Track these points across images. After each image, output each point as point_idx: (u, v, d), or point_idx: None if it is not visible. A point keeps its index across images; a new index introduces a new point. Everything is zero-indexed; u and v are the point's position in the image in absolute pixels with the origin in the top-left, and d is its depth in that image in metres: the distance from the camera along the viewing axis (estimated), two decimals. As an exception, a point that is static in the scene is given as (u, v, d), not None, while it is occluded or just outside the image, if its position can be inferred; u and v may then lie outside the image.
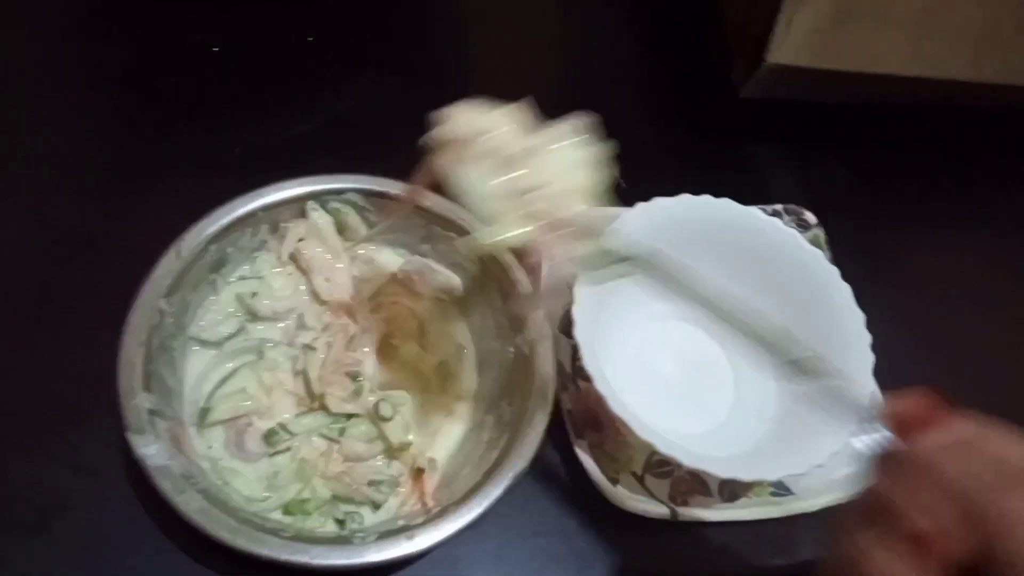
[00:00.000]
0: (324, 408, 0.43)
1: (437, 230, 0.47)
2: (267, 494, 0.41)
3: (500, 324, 0.46)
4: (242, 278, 0.46)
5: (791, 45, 0.52)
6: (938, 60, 0.56)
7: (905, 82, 0.57)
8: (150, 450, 0.37)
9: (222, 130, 0.56)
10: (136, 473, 0.37)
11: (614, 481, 0.45)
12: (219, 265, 0.44)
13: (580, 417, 0.46)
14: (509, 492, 0.40)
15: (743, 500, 0.47)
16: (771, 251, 0.49)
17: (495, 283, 0.46)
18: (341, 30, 0.64)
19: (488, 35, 0.69)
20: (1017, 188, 0.67)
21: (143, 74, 0.60)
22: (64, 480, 0.42)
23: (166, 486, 0.36)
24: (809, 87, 0.56)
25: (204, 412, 0.42)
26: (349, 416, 0.43)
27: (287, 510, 0.41)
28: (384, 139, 0.58)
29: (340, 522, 0.41)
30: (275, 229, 0.46)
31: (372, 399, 0.43)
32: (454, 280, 0.47)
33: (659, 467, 0.47)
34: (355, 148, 0.57)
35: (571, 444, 0.45)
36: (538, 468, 0.46)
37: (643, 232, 0.48)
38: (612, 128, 0.63)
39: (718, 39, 0.61)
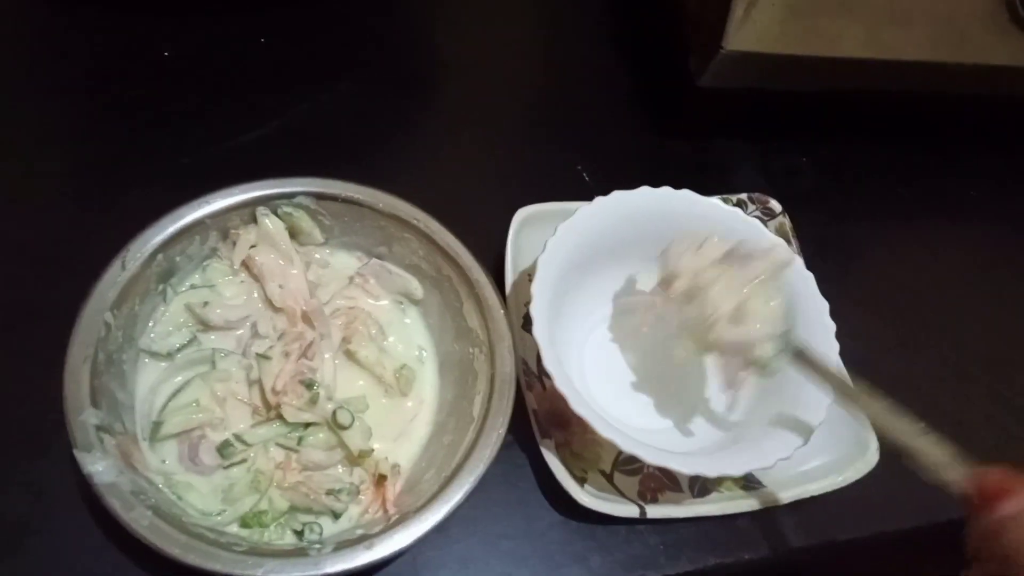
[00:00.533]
0: (281, 418, 0.42)
1: (393, 232, 0.46)
2: (222, 507, 0.40)
3: (459, 326, 0.45)
4: (193, 287, 0.44)
5: (747, 32, 0.51)
6: (902, 42, 0.55)
7: (868, 67, 0.57)
8: (97, 467, 0.36)
9: (175, 139, 0.55)
10: (89, 491, 0.36)
11: (582, 480, 0.45)
12: (168, 275, 0.43)
13: (546, 416, 0.45)
14: (474, 495, 0.39)
15: (714, 495, 0.46)
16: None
17: (454, 284, 0.45)
18: (297, 36, 0.63)
19: (449, 39, 0.68)
20: (986, 178, 0.67)
21: (95, 83, 0.58)
22: (27, 502, 0.41)
23: (114, 504, 0.35)
24: (768, 75, 0.55)
25: (156, 426, 0.41)
26: (307, 425, 0.42)
27: (244, 523, 0.40)
28: (341, 146, 0.58)
29: (299, 533, 0.40)
30: (225, 236, 0.45)
31: (330, 407, 0.42)
32: (412, 283, 0.47)
33: (628, 464, 0.46)
34: (311, 155, 0.56)
35: (537, 444, 0.44)
36: (505, 470, 0.45)
37: (603, 226, 0.47)
38: (577, 123, 0.63)
39: (680, 31, 0.61)
